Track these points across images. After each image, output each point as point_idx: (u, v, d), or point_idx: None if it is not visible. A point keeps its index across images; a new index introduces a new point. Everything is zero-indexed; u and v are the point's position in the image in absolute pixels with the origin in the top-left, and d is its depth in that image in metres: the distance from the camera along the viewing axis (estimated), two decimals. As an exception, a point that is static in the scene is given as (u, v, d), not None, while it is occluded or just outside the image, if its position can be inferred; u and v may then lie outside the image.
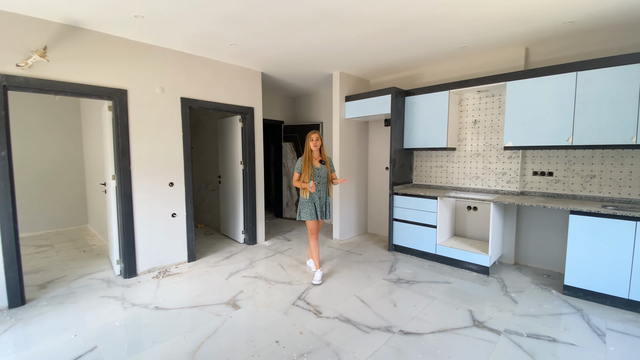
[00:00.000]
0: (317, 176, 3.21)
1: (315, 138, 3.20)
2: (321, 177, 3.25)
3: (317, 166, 3.25)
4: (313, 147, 3.20)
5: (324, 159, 3.29)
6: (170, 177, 3.63)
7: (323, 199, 3.30)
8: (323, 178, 3.26)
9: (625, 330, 2.36)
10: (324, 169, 3.27)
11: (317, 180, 3.21)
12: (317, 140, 3.20)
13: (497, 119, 3.81)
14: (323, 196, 3.29)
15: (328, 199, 3.33)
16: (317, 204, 3.26)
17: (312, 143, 3.20)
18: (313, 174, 3.19)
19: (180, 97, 3.66)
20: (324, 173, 3.27)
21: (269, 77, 4.77)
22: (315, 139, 3.20)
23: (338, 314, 2.62)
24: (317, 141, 3.20)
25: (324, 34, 3.15)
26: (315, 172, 3.22)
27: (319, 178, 3.23)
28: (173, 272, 3.54)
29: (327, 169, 3.30)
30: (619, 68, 2.76)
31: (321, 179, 3.24)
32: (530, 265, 3.70)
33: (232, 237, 4.84)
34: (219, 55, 3.83)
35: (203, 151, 5.72)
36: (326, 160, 3.30)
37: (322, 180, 3.25)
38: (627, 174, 3.07)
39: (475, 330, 2.40)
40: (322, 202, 3.29)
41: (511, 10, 2.68)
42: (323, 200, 3.30)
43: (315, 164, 3.24)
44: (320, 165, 3.26)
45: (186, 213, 3.78)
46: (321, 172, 3.25)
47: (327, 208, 3.33)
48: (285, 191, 6.27)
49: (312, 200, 3.25)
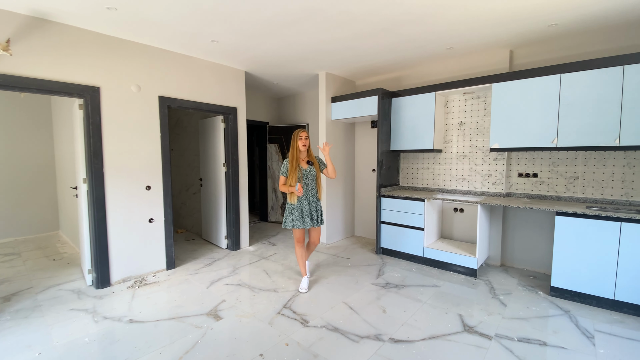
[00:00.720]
0: (305, 178, 2.97)
1: (304, 137, 2.95)
2: (310, 180, 3.00)
3: (304, 167, 3.00)
4: (302, 146, 2.95)
5: (312, 159, 3.04)
6: (147, 180, 3.43)
7: (313, 203, 3.03)
8: (312, 180, 3.01)
9: (613, 332, 2.36)
10: (312, 170, 3.02)
11: (305, 183, 2.97)
12: (305, 139, 2.96)
13: (483, 120, 3.81)
14: (313, 200, 3.03)
15: (319, 203, 3.10)
16: (307, 209, 3.00)
17: (301, 142, 2.94)
18: (301, 177, 2.96)
19: (158, 96, 3.47)
20: (313, 174, 3.02)
21: (253, 76, 4.63)
22: (305, 138, 2.95)
23: (326, 323, 2.51)
24: (306, 140, 2.96)
25: (309, 32, 3.05)
26: (302, 174, 2.98)
27: (307, 180, 2.98)
28: (150, 281, 3.33)
29: (316, 170, 3.05)
30: (601, 70, 2.80)
31: (310, 182, 3.00)
32: (516, 267, 3.71)
33: (215, 242, 4.65)
34: (199, 53, 3.67)
35: (184, 153, 5.50)
36: (314, 160, 3.05)
37: (311, 183, 3.01)
38: (609, 175, 3.11)
39: (466, 335, 2.34)
40: (312, 206, 3.03)
41: (497, 11, 2.66)
42: (313, 205, 3.04)
43: (302, 166, 3.00)
44: (308, 167, 3.01)
45: (164, 218, 3.58)
46: (309, 173, 3.00)
47: (318, 213, 3.07)
48: (270, 194, 6.11)
49: (301, 206, 2.99)
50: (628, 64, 2.66)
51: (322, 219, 3.13)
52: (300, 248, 3.15)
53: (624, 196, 3.04)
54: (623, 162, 3.03)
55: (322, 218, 3.12)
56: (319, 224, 3.08)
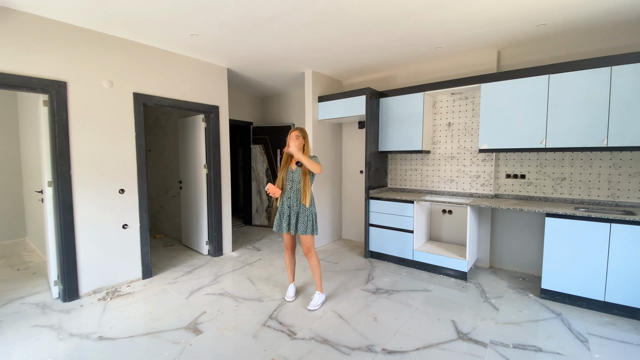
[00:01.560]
0: (289, 180, 2.77)
1: (294, 136, 2.69)
2: (294, 182, 2.76)
3: (292, 168, 2.79)
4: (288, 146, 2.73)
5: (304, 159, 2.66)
6: (121, 182, 3.19)
7: (294, 208, 2.75)
8: (297, 183, 2.75)
9: (606, 335, 2.33)
10: (298, 172, 2.76)
11: (289, 185, 2.77)
12: (296, 139, 2.69)
13: (471, 121, 3.77)
14: (294, 205, 2.75)
15: (303, 209, 2.75)
16: (286, 213, 2.77)
17: (292, 142, 2.69)
18: (286, 178, 2.78)
19: (133, 93, 3.23)
20: (298, 177, 2.75)
21: (236, 74, 4.44)
22: (295, 137, 2.69)
23: (314, 334, 2.37)
24: (297, 139, 2.69)
25: (296, 26, 2.91)
26: (289, 175, 2.78)
27: (291, 183, 2.76)
28: (124, 292, 3.09)
29: (303, 172, 2.76)
30: (589, 71, 2.79)
31: (294, 184, 2.76)
32: (505, 269, 3.68)
33: (195, 248, 4.41)
34: (179, 47, 3.46)
35: (162, 154, 5.23)
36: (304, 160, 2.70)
37: (295, 186, 2.75)
38: (595, 176, 3.12)
39: (460, 343, 2.25)
40: (292, 210, 2.75)
41: (488, 8, 2.60)
42: (294, 209, 2.75)
43: (291, 166, 2.80)
44: (296, 168, 2.77)
45: (140, 224, 3.34)
46: (295, 175, 2.76)
47: (298, 219, 2.75)
48: (254, 196, 5.91)
49: (282, 209, 2.80)
50: (616, 65, 2.66)
51: (309, 228, 2.73)
52: (287, 256, 2.97)
53: (610, 197, 3.05)
54: (609, 162, 3.04)
55: (311, 226, 2.74)
56: (297, 232, 2.75)
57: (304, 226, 2.74)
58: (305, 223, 2.74)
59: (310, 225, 2.75)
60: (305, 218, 2.74)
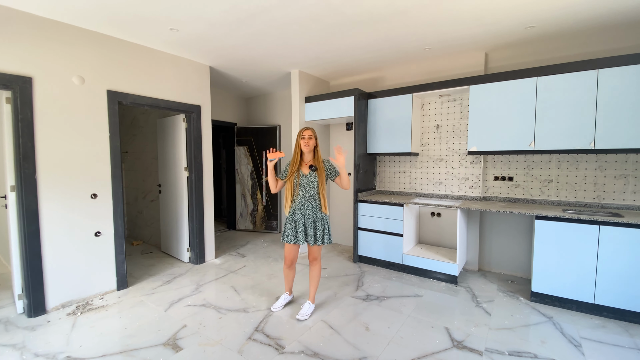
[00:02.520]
0: (302, 186, 2.54)
1: (307, 136, 2.52)
2: (309, 188, 2.53)
3: (305, 173, 2.57)
4: (304, 147, 2.53)
5: (318, 163, 2.57)
6: (93, 187, 2.96)
7: (310, 216, 2.56)
8: (311, 189, 2.54)
9: (598, 338, 2.31)
10: (313, 176, 2.54)
11: (303, 191, 2.54)
12: (309, 139, 2.52)
13: (459, 123, 3.75)
14: (309, 212, 2.56)
15: (320, 216, 2.57)
16: (300, 222, 2.55)
17: (303, 142, 2.52)
18: (297, 184, 2.55)
19: (107, 90, 3.01)
20: (313, 183, 2.54)
21: (220, 73, 4.26)
22: (308, 137, 2.52)
23: (304, 347, 2.23)
24: (310, 140, 2.52)
25: (283, 23, 2.78)
26: (301, 180, 2.55)
27: (305, 188, 2.54)
28: (96, 306, 2.85)
29: (320, 177, 2.56)
30: (576, 74, 2.80)
31: (308, 190, 2.53)
32: (493, 271, 3.67)
33: (175, 255, 4.19)
34: (157, 43, 3.26)
35: (140, 156, 4.96)
36: (320, 165, 2.57)
37: (310, 192, 2.54)
38: (581, 179, 3.14)
39: (456, 352, 2.17)
40: (307, 219, 2.56)
41: (478, 9, 2.56)
42: (309, 218, 2.56)
43: (303, 170, 2.57)
44: (310, 172, 2.56)
45: (114, 230, 3.11)
46: (309, 181, 2.54)
47: (318, 229, 2.57)
48: (239, 200, 5.71)
49: (294, 217, 2.57)
50: (602, 67, 2.68)
51: (328, 237, 2.59)
52: (287, 269, 2.73)
53: (596, 199, 3.08)
54: (595, 165, 3.07)
55: (327, 235, 2.59)
56: (317, 242, 2.58)
57: (322, 235, 2.58)
58: (323, 232, 2.59)
59: (327, 234, 2.61)
60: (322, 227, 2.58)
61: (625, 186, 2.93)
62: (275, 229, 5.48)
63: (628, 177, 2.92)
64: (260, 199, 5.54)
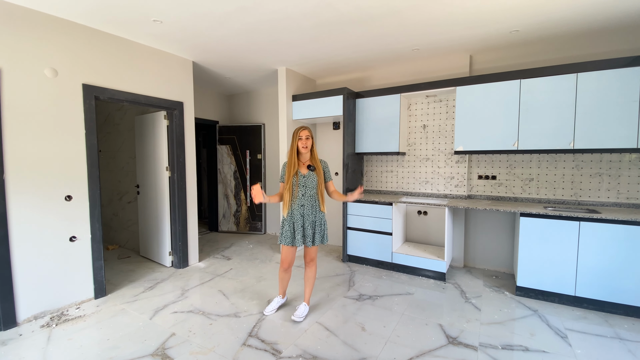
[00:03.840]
0: (302, 186, 2.49)
1: (305, 136, 2.46)
2: (308, 188, 2.50)
3: (303, 173, 2.52)
4: (302, 148, 2.46)
5: (315, 163, 2.54)
6: (68, 188, 2.74)
7: (309, 217, 2.52)
8: (311, 189, 2.51)
9: (582, 329, 2.42)
10: (312, 176, 2.51)
11: (302, 191, 2.50)
12: (307, 139, 2.46)
13: (445, 124, 3.83)
14: (309, 213, 2.52)
15: (319, 216, 2.55)
16: (299, 223, 2.50)
17: (301, 143, 2.46)
18: (296, 184, 2.48)
19: (83, 84, 2.80)
20: (313, 182, 2.51)
21: (202, 68, 4.10)
22: (305, 138, 2.46)
23: (302, 351, 2.18)
24: (308, 140, 2.46)
25: (274, 17, 2.71)
26: (300, 180, 2.50)
27: (305, 189, 2.50)
28: (73, 316, 2.64)
29: (319, 176, 2.54)
30: (557, 77, 2.93)
31: (307, 190, 2.50)
32: (478, 267, 3.77)
33: (156, 259, 3.98)
34: (139, 35, 3.08)
35: (115, 155, 4.68)
36: (318, 165, 2.54)
37: (309, 192, 2.50)
38: (560, 177, 3.30)
39: (452, 349, 2.20)
40: (306, 220, 2.51)
41: (467, 11, 2.62)
42: (309, 218, 2.51)
43: (301, 171, 2.52)
44: (308, 172, 2.52)
45: (91, 235, 2.90)
46: (308, 181, 2.50)
47: (316, 229, 2.54)
48: (221, 201, 5.54)
49: (292, 219, 2.51)
50: (581, 71, 2.83)
51: (324, 237, 2.57)
52: (283, 272, 2.64)
53: (573, 196, 3.24)
54: (572, 164, 3.23)
55: (323, 236, 2.56)
56: (314, 243, 2.54)
57: (320, 236, 2.55)
58: (321, 233, 2.55)
59: (325, 234, 2.58)
60: (320, 227, 2.55)
61: (600, 184, 3.11)
62: (261, 230, 5.37)
63: (602, 176, 3.10)
64: (244, 199, 5.40)
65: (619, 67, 2.70)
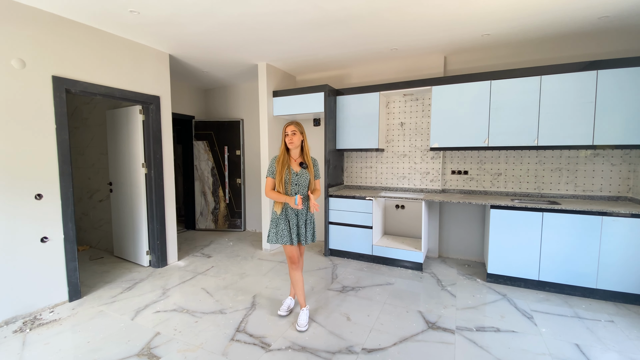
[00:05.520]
0: (294, 184, 2.37)
1: (290, 132, 2.35)
2: (301, 187, 2.39)
3: (295, 170, 2.40)
4: (288, 143, 2.36)
5: (307, 160, 2.44)
6: (38, 186, 2.59)
7: (302, 215, 2.44)
8: (303, 187, 2.41)
9: (545, 310, 2.67)
10: (305, 175, 2.41)
11: (295, 189, 2.37)
12: (292, 135, 2.35)
13: (421, 122, 4.00)
14: (303, 212, 2.43)
15: (310, 216, 2.49)
16: (294, 221, 2.42)
17: (287, 139, 2.35)
18: (289, 182, 2.38)
19: (53, 76, 2.64)
20: (305, 181, 2.41)
21: (178, 61, 3.98)
22: (291, 133, 2.35)
23: (290, 343, 2.23)
24: (294, 136, 2.35)
25: (258, 12, 2.70)
26: (293, 178, 2.38)
27: (297, 187, 2.38)
28: (47, 320, 2.52)
29: (310, 174, 2.44)
30: (523, 79, 3.16)
31: (300, 189, 2.39)
32: (451, 257, 4.00)
33: (133, 259, 3.85)
34: (115, 27, 2.94)
35: (84, 151, 4.44)
36: (309, 162, 2.45)
37: (302, 191, 2.41)
38: (525, 172, 3.56)
39: (431, 333, 2.34)
40: (300, 219, 2.43)
41: (444, 14, 2.75)
42: (303, 217, 2.44)
43: (293, 168, 2.41)
44: (301, 170, 2.41)
45: (64, 235, 2.76)
46: (301, 179, 2.39)
47: (307, 228, 2.47)
48: (198, 198, 5.42)
49: (287, 217, 2.41)
50: (544, 74, 3.06)
51: (314, 236, 2.53)
52: (295, 271, 2.47)
53: (536, 189, 3.52)
54: (536, 160, 3.50)
55: (313, 234, 2.52)
56: (307, 242, 2.48)
57: (311, 234, 2.51)
58: (313, 230, 2.52)
59: (314, 232, 2.55)
60: (312, 225, 2.51)
61: (560, 178, 3.40)
62: (240, 227, 5.32)
63: (562, 170, 3.39)
64: (223, 196, 5.32)
65: (577, 71, 2.97)
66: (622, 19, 2.79)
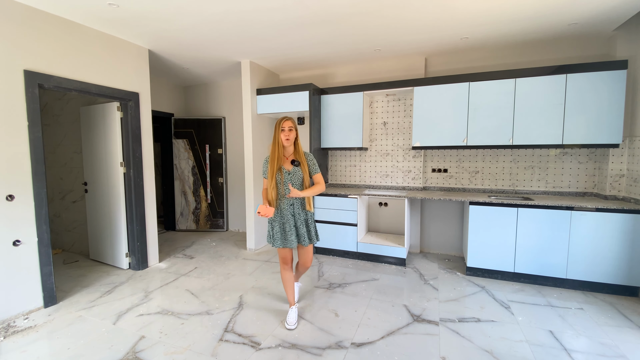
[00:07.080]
0: (287, 183, 2.30)
1: (287, 127, 2.25)
2: (294, 186, 2.30)
3: (287, 169, 2.33)
4: (285, 140, 2.27)
5: (300, 157, 2.35)
6: (8, 187, 2.44)
7: (300, 215, 2.36)
8: (297, 186, 2.32)
9: (521, 300, 2.82)
10: (298, 173, 2.32)
11: (289, 189, 2.27)
12: (290, 131, 2.26)
13: (403, 121, 4.10)
14: (299, 212, 2.36)
15: (309, 215, 2.42)
16: (290, 223, 2.34)
17: (284, 135, 2.25)
18: (281, 180, 2.30)
19: (24, 70, 2.50)
20: (299, 180, 2.32)
21: (157, 57, 3.86)
22: (288, 129, 2.26)
23: (280, 340, 2.24)
24: (290, 132, 2.27)
25: (242, 9, 2.67)
26: (285, 177, 2.31)
27: (293, 186, 2.31)
28: (22, 327, 2.39)
29: (304, 172, 2.34)
30: (499, 82, 3.32)
31: (295, 187, 2.31)
32: (432, 252, 4.14)
33: (111, 262, 3.70)
34: (91, 19, 2.82)
35: (56, 150, 4.22)
36: (303, 159, 2.36)
37: (297, 189, 2.31)
38: (500, 170, 3.74)
39: (417, 325, 2.43)
40: (297, 219, 2.35)
41: (427, 18, 2.84)
42: (300, 217, 2.36)
43: (285, 166, 2.34)
44: (293, 168, 2.32)
45: (38, 238, 2.63)
46: (294, 178, 2.31)
47: (309, 228, 2.40)
48: (178, 198, 5.28)
49: (282, 219, 2.34)
50: (519, 77, 3.23)
51: (316, 235, 2.46)
52: (286, 271, 2.44)
53: (511, 186, 3.70)
54: (510, 158, 3.68)
55: (315, 234, 2.45)
56: (308, 242, 2.39)
57: (314, 233, 2.45)
58: (313, 230, 2.44)
59: (316, 232, 2.49)
60: (313, 224, 2.44)
61: (532, 175, 3.60)
62: (223, 227, 5.24)
63: (534, 168, 3.59)
64: (204, 195, 5.22)
65: (547, 75, 3.15)
66: (590, 25, 2.99)
